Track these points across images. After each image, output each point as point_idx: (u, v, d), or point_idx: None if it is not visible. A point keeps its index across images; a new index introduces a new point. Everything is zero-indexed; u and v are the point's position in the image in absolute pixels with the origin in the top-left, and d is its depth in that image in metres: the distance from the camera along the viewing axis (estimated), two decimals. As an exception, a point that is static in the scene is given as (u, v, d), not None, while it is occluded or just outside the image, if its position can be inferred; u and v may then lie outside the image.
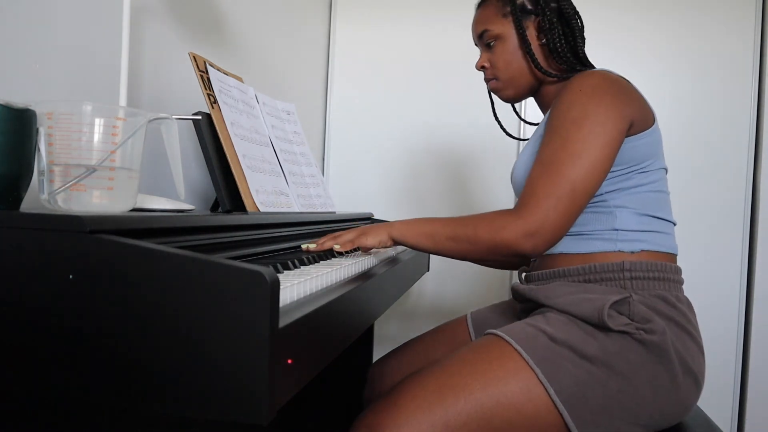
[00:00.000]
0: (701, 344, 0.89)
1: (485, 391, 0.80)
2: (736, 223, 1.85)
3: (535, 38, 1.01)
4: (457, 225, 0.89)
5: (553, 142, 0.88)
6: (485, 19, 1.04)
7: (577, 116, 0.87)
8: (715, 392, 1.83)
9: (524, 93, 1.06)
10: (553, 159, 0.86)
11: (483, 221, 0.87)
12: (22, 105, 0.59)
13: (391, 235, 0.92)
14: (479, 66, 1.07)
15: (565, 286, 0.91)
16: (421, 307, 2.11)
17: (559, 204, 0.84)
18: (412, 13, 2.07)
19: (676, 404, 0.84)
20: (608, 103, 0.87)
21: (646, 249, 0.90)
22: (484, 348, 0.86)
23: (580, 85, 0.90)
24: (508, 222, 0.84)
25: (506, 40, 1.02)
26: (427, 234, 0.91)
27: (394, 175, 2.10)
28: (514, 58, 1.02)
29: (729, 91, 1.85)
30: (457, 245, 0.88)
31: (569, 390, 0.80)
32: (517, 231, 0.84)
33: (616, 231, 0.91)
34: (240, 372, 0.44)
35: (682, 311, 0.87)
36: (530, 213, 0.84)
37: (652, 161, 0.93)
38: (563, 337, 0.83)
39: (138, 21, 1.07)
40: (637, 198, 0.92)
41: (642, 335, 0.82)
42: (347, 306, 0.67)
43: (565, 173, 0.84)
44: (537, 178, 0.86)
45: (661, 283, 0.88)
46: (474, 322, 1.15)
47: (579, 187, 0.85)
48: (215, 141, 1.02)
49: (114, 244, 0.47)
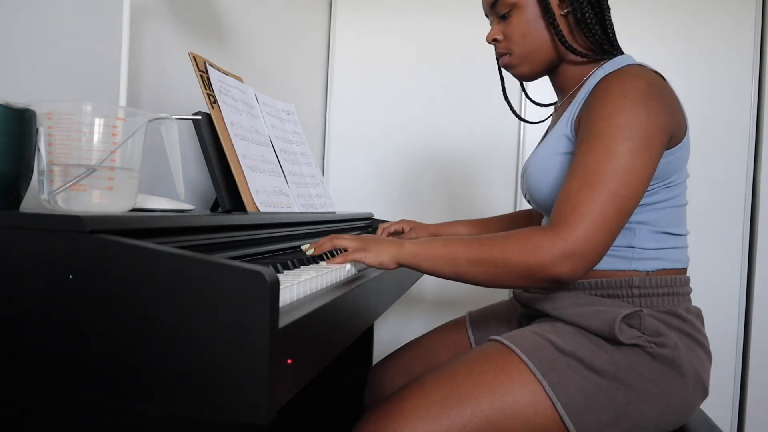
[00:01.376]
0: (710, 351, 0.88)
1: (491, 403, 0.78)
2: (736, 224, 1.85)
3: (557, 7, 0.90)
4: (481, 246, 0.77)
5: (596, 151, 0.77)
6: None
7: (624, 125, 0.77)
8: (715, 392, 1.83)
9: (541, 70, 0.96)
10: (596, 170, 0.76)
11: (513, 241, 0.75)
12: (22, 105, 0.59)
13: (398, 260, 0.79)
14: (490, 38, 0.96)
15: (573, 297, 0.88)
16: (421, 307, 2.11)
17: (604, 222, 0.74)
18: (412, 13, 2.07)
19: (682, 413, 0.83)
20: (656, 114, 0.78)
21: (661, 268, 0.87)
22: (490, 357, 0.83)
23: (623, 89, 0.79)
24: (544, 241, 0.74)
25: (524, 8, 0.91)
26: (445, 257, 0.78)
27: (394, 175, 2.10)
28: (532, 29, 0.91)
29: (729, 91, 1.85)
30: (483, 269, 0.76)
31: (577, 403, 0.78)
32: (554, 252, 0.73)
33: (633, 249, 0.87)
34: (240, 372, 0.44)
35: (692, 323, 0.86)
36: (571, 231, 0.73)
37: (680, 174, 0.87)
38: (571, 349, 0.81)
39: (138, 21, 1.07)
40: (659, 214, 0.87)
41: (653, 348, 0.80)
42: (347, 306, 0.67)
43: (612, 188, 0.74)
44: (577, 191, 0.76)
45: (671, 298, 0.86)
46: (472, 324, 1.14)
47: (625, 205, 0.75)
48: (215, 141, 1.02)
49: (114, 244, 0.47)
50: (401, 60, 2.08)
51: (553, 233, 0.74)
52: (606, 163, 0.76)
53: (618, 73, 0.83)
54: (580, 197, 0.75)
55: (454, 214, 2.05)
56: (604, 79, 0.84)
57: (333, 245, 0.82)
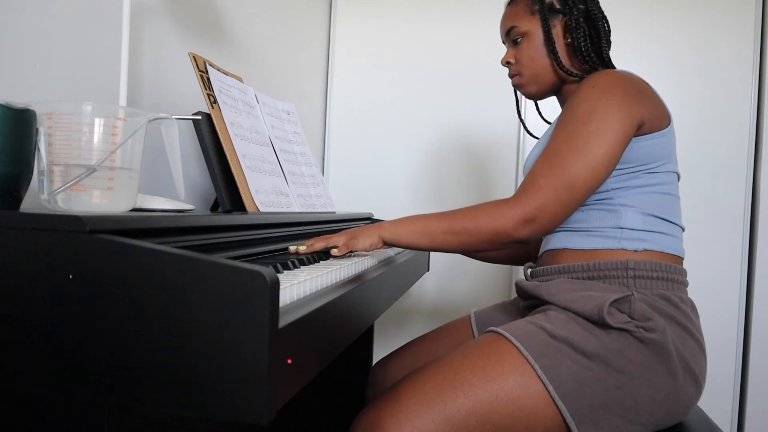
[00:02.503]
0: (703, 345, 0.89)
1: (484, 386, 0.81)
2: (736, 223, 1.85)
3: (561, 37, 1.03)
4: (453, 218, 0.89)
5: (560, 137, 0.89)
6: (514, 16, 1.06)
7: (585, 112, 0.88)
8: (715, 392, 1.83)
9: (546, 90, 1.08)
10: (556, 152, 0.88)
11: (481, 211, 0.88)
12: (22, 105, 0.59)
13: (382, 237, 0.91)
14: (504, 62, 1.09)
15: (568, 283, 0.92)
16: (422, 307, 2.11)
17: (556, 195, 0.86)
18: (413, 13, 2.07)
19: (676, 403, 0.84)
20: (618, 101, 0.88)
21: (650, 249, 0.91)
22: (483, 344, 0.87)
23: (593, 82, 0.91)
24: (507, 209, 0.86)
25: (532, 37, 1.04)
26: (422, 231, 0.90)
27: (394, 175, 2.10)
28: (538, 55, 1.04)
29: (729, 91, 1.85)
30: (456, 238, 0.89)
31: (568, 386, 0.80)
32: (515, 218, 0.86)
33: (621, 229, 0.92)
34: (240, 372, 0.44)
35: (684, 311, 0.88)
36: (528, 201, 0.86)
37: (662, 163, 0.93)
38: (563, 334, 0.84)
39: (138, 21, 1.07)
40: (644, 198, 0.92)
41: (642, 333, 0.82)
42: (347, 306, 0.67)
43: (567, 166, 0.86)
44: (539, 169, 0.88)
45: (665, 282, 0.89)
46: (478, 322, 1.16)
47: (579, 182, 0.86)
48: (215, 141, 1.02)
49: (114, 244, 0.47)
50: (401, 60, 2.08)
51: (515, 202, 0.87)
52: (565, 145, 0.88)
53: (594, 73, 0.95)
54: (540, 172, 0.88)
55: (454, 214, 2.05)
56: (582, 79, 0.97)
57: (326, 244, 0.88)
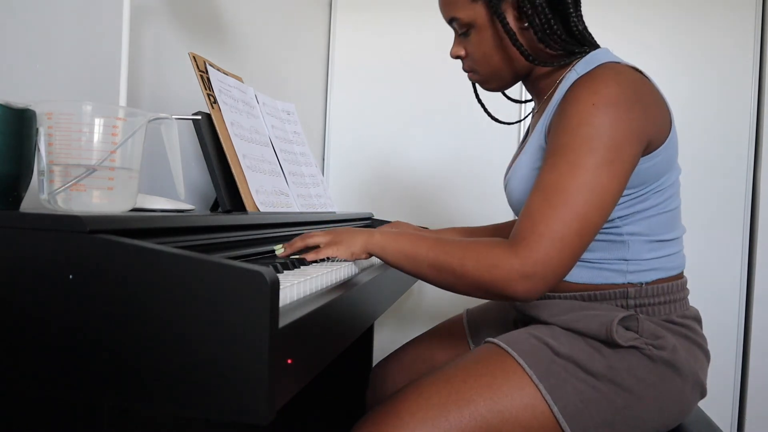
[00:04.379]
0: (708, 352, 0.88)
1: (489, 406, 0.78)
2: (736, 223, 1.85)
3: (515, 22, 0.85)
4: (443, 252, 0.76)
5: (560, 166, 0.74)
6: (451, 4, 0.87)
7: (590, 137, 0.73)
8: (715, 392, 1.83)
9: (511, 82, 0.94)
10: (558, 187, 0.73)
11: (472, 253, 0.74)
12: (22, 105, 0.59)
13: (367, 249, 0.81)
14: (453, 55, 0.92)
15: (568, 303, 0.87)
16: (421, 307, 2.11)
17: (564, 243, 0.71)
18: (413, 13, 2.07)
19: (679, 413, 0.83)
20: (625, 121, 0.74)
21: (657, 278, 0.85)
22: (487, 360, 0.83)
23: (591, 96, 0.75)
24: (502, 259, 0.72)
25: (482, 28, 0.86)
26: (409, 255, 0.78)
27: (394, 175, 2.10)
28: (492, 50, 0.88)
29: (729, 91, 1.85)
30: (440, 275, 0.76)
31: (573, 407, 0.78)
32: (511, 271, 0.71)
33: (627, 261, 0.85)
34: (240, 372, 0.44)
35: (689, 326, 0.85)
36: (529, 251, 0.71)
37: (669, 174, 0.84)
38: (568, 352, 0.81)
39: (138, 21, 1.07)
40: (652, 222, 0.84)
41: (651, 351, 0.79)
42: (347, 306, 0.67)
43: (574, 207, 0.71)
44: (538, 209, 0.73)
45: (666, 306, 0.85)
46: (469, 323, 1.14)
47: (589, 224, 0.72)
48: (215, 141, 1.02)
49: (114, 244, 0.47)
50: (401, 60, 2.08)
51: (512, 252, 0.72)
52: (569, 179, 0.73)
53: (588, 78, 0.79)
54: (541, 215, 0.72)
55: (453, 214, 2.05)
56: (574, 84, 0.80)
57: (305, 244, 0.82)
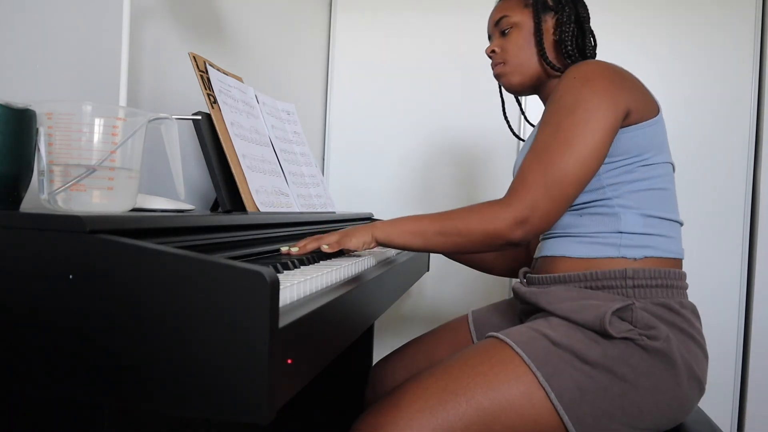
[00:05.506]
0: (706, 349, 0.89)
1: (486, 394, 0.80)
2: (736, 223, 1.85)
3: (550, 33, 1.03)
4: (446, 219, 0.87)
5: (546, 130, 0.87)
6: (507, 7, 1.06)
7: (569, 103, 0.86)
8: (715, 392, 1.83)
9: (529, 82, 1.06)
10: (544, 147, 0.86)
11: (473, 213, 0.86)
12: (22, 105, 0.59)
13: (374, 237, 0.89)
14: (489, 51, 1.08)
15: (567, 292, 0.90)
16: (421, 307, 2.11)
17: (548, 192, 0.83)
18: (413, 13, 2.07)
19: (679, 408, 0.83)
20: (601, 90, 0.86)
21: (651, 255, 0.89)
22: (485, 351, 0.86)
23: (574, 73, 0.90)
24: (498, 211, 0.84)
25: (522, 28, 1.04)
26: (415, 232, 0.88)
27: (394, 175, 2.10)
28: (526, 44, 1.04)
29: (729, 91, 1.85)
30: (449, 239, 0.86)
31: (570, 394, 0.79)
32: (507, 220, 0.83)
33: (620, 234, 0.89)
34: (240, 372, 0.44)
35: (685, 317, 0.87)
36: (519, 201, 0.84)
37: (654, 154, 0.91)
38: (565, 342, 0.83)
39: (138, 21, 1.07)
40: (642, 196, 0.90)
41: (645, 341, 0.81)
42: (347, 306, 0.67)
43: (556, 161, 0.84)
44: (527, 166, 0.86)
45: (665, 290, 0.87)
46: (475, 322, 1.15)
47: (570, 175, 0.84)
48: (215, 141, 1.02)
49: (114, 244, 0.47)
50: (401, 60, 2.08)
51: (505, 203, 0.85)
52: (552, 139, 0.86)
53: (574, 66, 0.93)
54: (529, 171, 0.85)
55: (454, 214, 2.05)
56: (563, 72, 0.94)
57: (319, 244, 0.86)
